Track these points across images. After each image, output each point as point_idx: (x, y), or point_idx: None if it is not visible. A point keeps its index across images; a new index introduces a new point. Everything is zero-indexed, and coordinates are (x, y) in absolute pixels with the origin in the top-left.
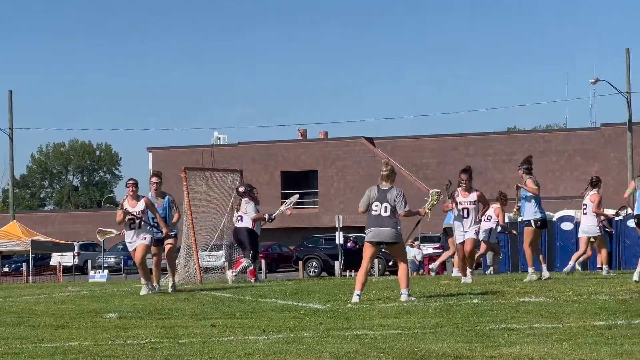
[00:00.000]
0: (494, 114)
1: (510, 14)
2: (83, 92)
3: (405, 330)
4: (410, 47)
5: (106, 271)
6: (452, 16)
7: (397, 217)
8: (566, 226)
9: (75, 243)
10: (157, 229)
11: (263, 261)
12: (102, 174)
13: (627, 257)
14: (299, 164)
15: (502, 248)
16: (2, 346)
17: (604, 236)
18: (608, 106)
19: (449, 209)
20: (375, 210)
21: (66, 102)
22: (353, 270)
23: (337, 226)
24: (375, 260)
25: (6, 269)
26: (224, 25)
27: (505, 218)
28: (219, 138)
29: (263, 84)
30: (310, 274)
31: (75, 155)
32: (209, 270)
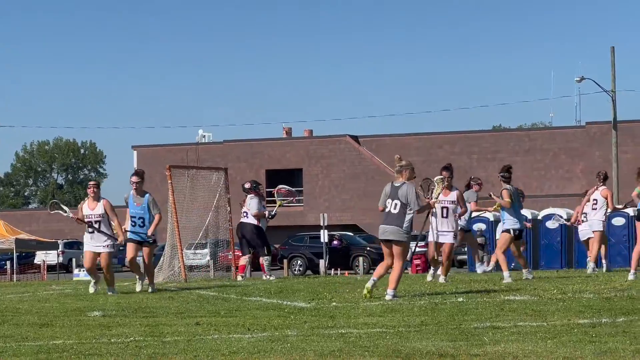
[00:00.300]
0: (479, 112)
1: (496, 13)
2: (67, 90)
3: (390, 328)
4: (396, 46)
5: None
6: (438, 15)
7: (406, 215)
8: (551, 224)
9: (59, 241)
10: (112, 238)
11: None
12: (86, 172)
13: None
14: (283, 162)
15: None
16: None
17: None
18: (593, 105)
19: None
20: (387, 207)
21: (51, 100)
22: (338, 269)
23: (322, 224)
24: (360, 258)
25: None
26: (209, 23)
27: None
28: (204, 136)
29: (248, 82)
30: (295, 272)
31: (60, 154)
32: (194, 268)
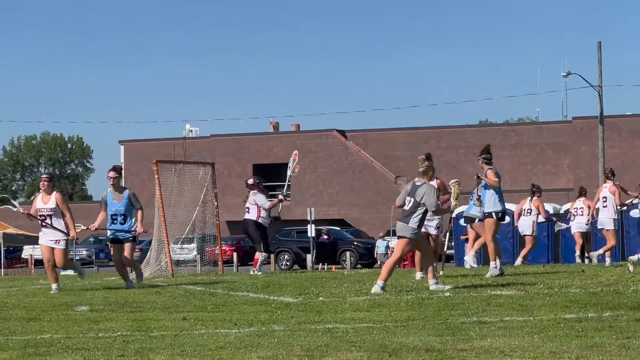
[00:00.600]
0: (466, 107)
1: (483, 7)
2: (55, 84)
3: (377, 323)
4: (383, 41)
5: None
6: (425, 9)
7: (416, 213)
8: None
9: None
10: (65, 234)
11: (235, 254)
12: (73, 166)
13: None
14: (271, 157)
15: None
16: None
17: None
18: (580, 100)
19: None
20: (405, 205)
21: (38, 95)
22: (325, 264)
23: (309, 219)
24: (347, 253)
25: None
26: (196, 18)
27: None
28: (191, 131)
29: (236, 76)
30: (282, 267)
31: (47, 148)
32: (181, 263)
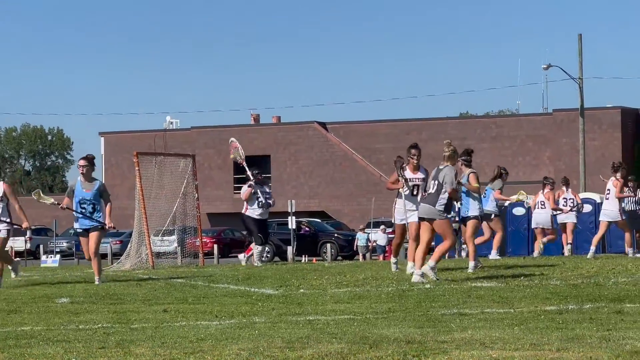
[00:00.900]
0: (447, 99)
1: (463, 1)
2: (35, 76)
3: (358, 315)
4: (364, 33)
5: (58, 256)
6: (406, 2)
7: (441, 195)
8: (518, 211)
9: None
10: (11, 224)
11: (215, 246)
12: (54, 158)
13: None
14: (251, 149)
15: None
16: None
17: (627, 219)
18: (560, 92)
19: (398, 187)
20: (430, 189)
21: (18, 87)
22: (306, 256)
23: (289, 211)
24: (328, 245)
25: None
26: (176, 10)
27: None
28: (172, 123)
29: (216, 68)
30: (263, 259)
31: (27, 140)
32: (161, 255)
